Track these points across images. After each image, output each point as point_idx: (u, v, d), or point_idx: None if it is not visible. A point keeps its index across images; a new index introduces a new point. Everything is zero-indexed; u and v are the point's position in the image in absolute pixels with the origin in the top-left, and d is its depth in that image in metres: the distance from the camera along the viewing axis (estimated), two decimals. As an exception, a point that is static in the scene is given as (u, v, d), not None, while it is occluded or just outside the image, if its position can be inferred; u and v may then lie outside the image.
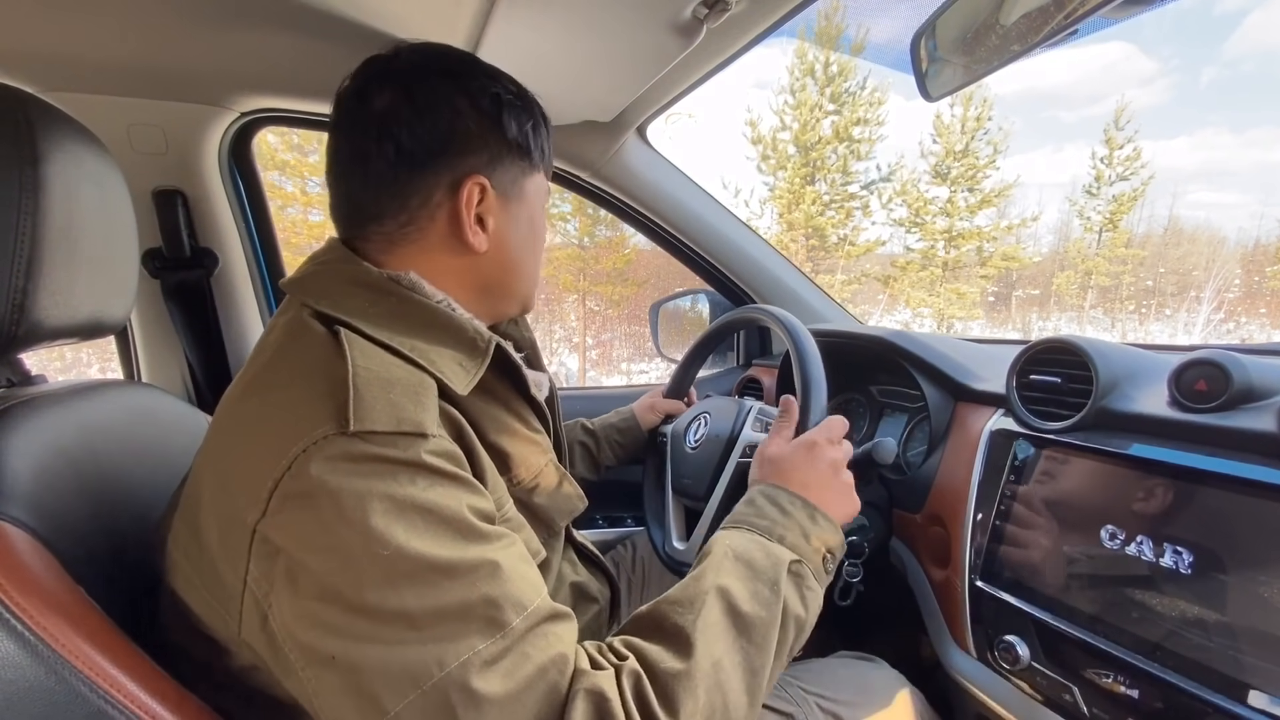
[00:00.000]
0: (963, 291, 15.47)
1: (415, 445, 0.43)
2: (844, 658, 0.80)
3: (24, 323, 0.49)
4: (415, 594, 0.39)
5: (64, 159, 0.51)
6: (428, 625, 0.39)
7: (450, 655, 0.39)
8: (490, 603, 0.41)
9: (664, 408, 1.04)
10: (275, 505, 0.40)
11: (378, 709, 0.38)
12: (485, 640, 0.40)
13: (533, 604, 0.43)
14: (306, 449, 0.40)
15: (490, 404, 0.56)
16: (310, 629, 0.40)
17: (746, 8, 0.72)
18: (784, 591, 0.51)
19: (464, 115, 0.54)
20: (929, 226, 15.62)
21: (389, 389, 0.44)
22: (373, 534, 0.39)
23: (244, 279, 1.15)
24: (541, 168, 0.61)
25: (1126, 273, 17.49)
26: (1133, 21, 0.51)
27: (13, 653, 0.38)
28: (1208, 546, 0.53)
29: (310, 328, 0.48)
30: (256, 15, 0.82)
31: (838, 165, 14.78)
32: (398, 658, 0.38)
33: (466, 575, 0.41)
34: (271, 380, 0.47)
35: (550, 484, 0.60)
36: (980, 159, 15.04)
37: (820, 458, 0.62)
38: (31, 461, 0.47)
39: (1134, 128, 15.90)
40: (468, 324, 0.54)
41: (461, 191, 0.53)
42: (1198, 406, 0.59)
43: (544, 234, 0.64)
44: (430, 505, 0.41)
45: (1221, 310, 17.80)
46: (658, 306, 1.49)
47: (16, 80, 0.88)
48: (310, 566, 0.40)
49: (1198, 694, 0.51)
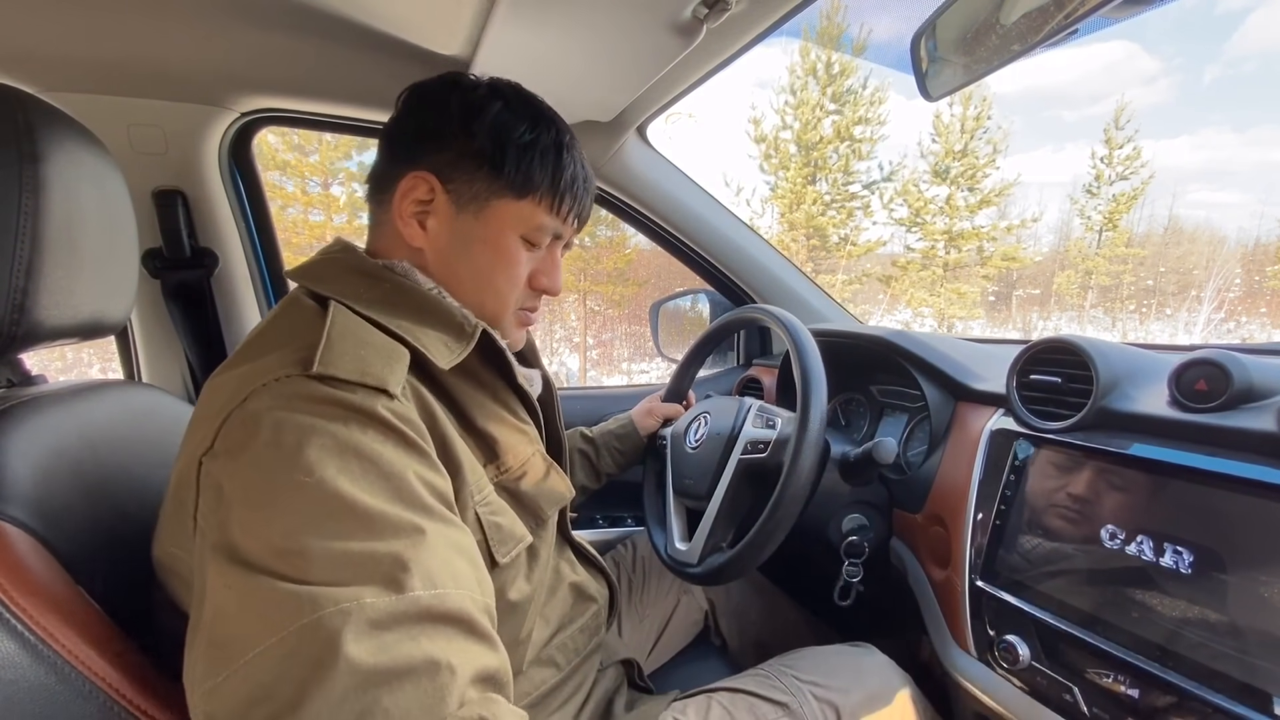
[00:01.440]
0: (963, 291, 15.44)
1: (375, 398, 0.42)
2: (837, 646, 0.80)
3: (24, 323, 0.49)
4: (319, 531, 0.35)
5: (64, 159, 0.51)
6: (320, 565, 0.35)
7: (330, 599, 0.34)
8: (399, 563, 0.36)
9: (662, 412, 1.04)
10: (221, 435, 0.40)
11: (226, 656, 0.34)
12: (377, 594, 0.35)
13: (447, 589, 0.37)
14: (265, 384, 0.41)
15: (476, 389, 0.57)
16: (208, 552, 0.37)
17: (746, 8, 0.72)
18: None
19: (445, 116, 0.56)
20: (929, 226, 15.59)
21: (361, 345, 0.45)
22: (300, 461, 0.37)
23: (244, 279, 1.15)
24: (527, 198, 0.57)
25: (1127, 272, 17.45)
26: (1136, 20, 0.51)
27: (13, 652, 0.38)
28: (1208, 546, 0.53)
29: (301, 301, 0.51)
30: (257, 15, 0.82)
31: (839, 165, 14.76)
32: (271, 592, 0.34)
33: (384, 529, 0.37)
34: (253, 344, 0.49)
35: (538, 473, 0.61)
36: (980, 158, 15.01)
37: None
38: (31, 462, 0.47)
39: (1134, 127, 15.90)
40: (456, 310, 0.56)
41: (402, 180, 0.56)
42: (1198, 406, 0.59)
43: (511, 267, 0.59)
44: (373, 455, 0.39)
45: (1222, 310, 17.77)
46: (658, 306, 1.49)
47: (16, 80, 0.88)
48: (229, 491, 0.38)
49: (1198, 694, 0.51)
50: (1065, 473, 0.66)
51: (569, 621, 0.70)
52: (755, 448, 0.80)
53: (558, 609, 0.69)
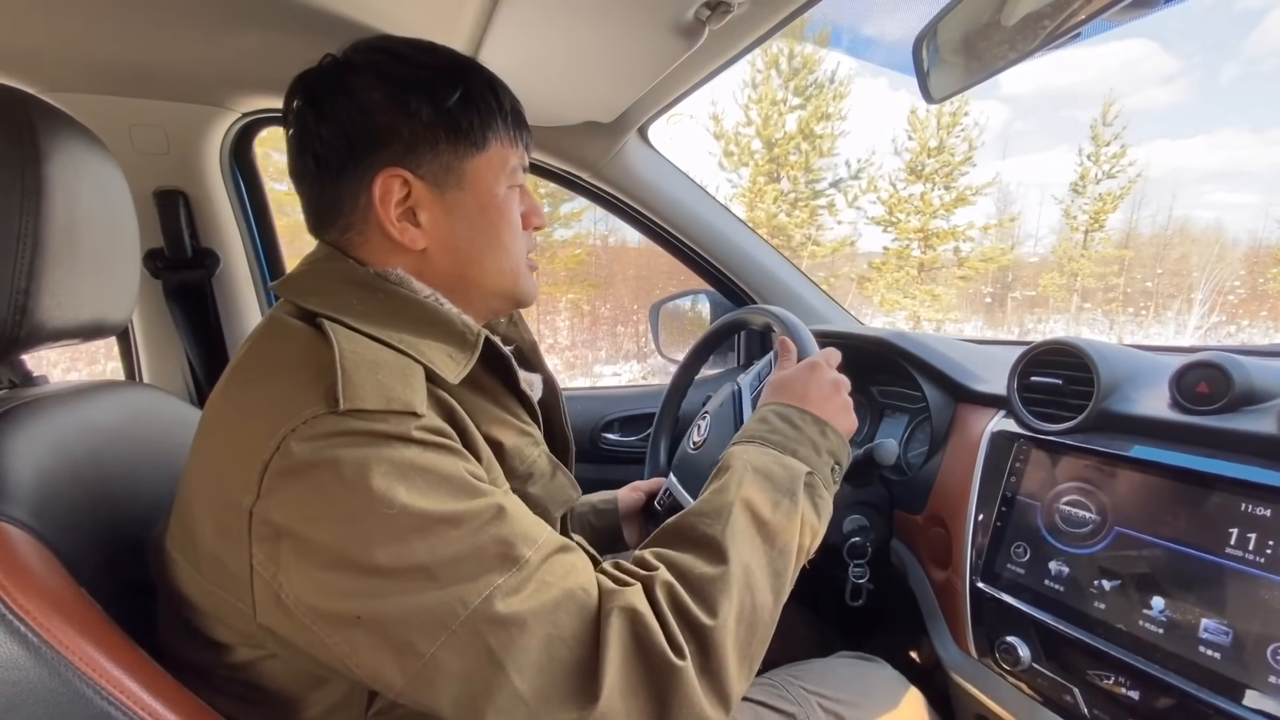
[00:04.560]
0: (937, 293, 14.97)
1: (406, 422, 0.43)
2: (845, 658, 0.80)
3: (26, 324, 0.49)
4: (426, 547, 0.40)
5: (65, 159, 0.51)
6: (444, 572, 0.40)
7: (471, 594, 0.40)
8: (501, 541, 0.42)
9: (645, 487, 0.96)
10: (269, 485, 0.40)
11: (414, 654, 0.39)
12: (503, 575, 0.41)
13: (541, 537, 0.44)
14: (296, 428, 0.40)
15: (480, 397, 0.56)
16: (328, 597, 0.40)
17: (749, 9, 0.72)
18: (800, 502, 0.54)
19: (368, 109, 0.50)
20: (904, 225, 14.95)
21: (376, 370, 0.44)
22: (375, 495, 0.40)
23: (245, 279, 1.15)
24: (490, 144, 0.54)
25: (1113, 274, 17.05)
26: (1154, 19, 0.51)
27: (15, 654, 0.38)
28: (1208, 549, 0.53)
29: (286, 323, 0.48)
30: (258, 16, 0.82)
31: (800, 162, 14.13)
32: (421, 605, 0.40)
33: (472, 521, 0.42)
34: (253, 371, 0.47)
35: (544, 475, 0.60)
36: (956, 155, 14.36)
37: (823, 377, 0.66)
38: (33, 463, 0.47)
39: (1121, 124, 15.41)
40: (456, 318, 0.54)
41: (374, 189, 0.51)
42: (1199, 409, 0.59)
43: (512, 217, 0.57)
44: (428, 466, 0.42)
45: (1223, 313, 17.62)
46: (658, 307, 1.49)
47: (18, 80, 0.88)
48: (316, 538, 0.40)
49: (1198, 695, 0.51)
50: (1066, 474, 0.66)
51: None
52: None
53: None
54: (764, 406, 0.64)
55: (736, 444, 0.59)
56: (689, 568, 0.47)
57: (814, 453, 0.58)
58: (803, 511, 0.54)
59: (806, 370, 0.66)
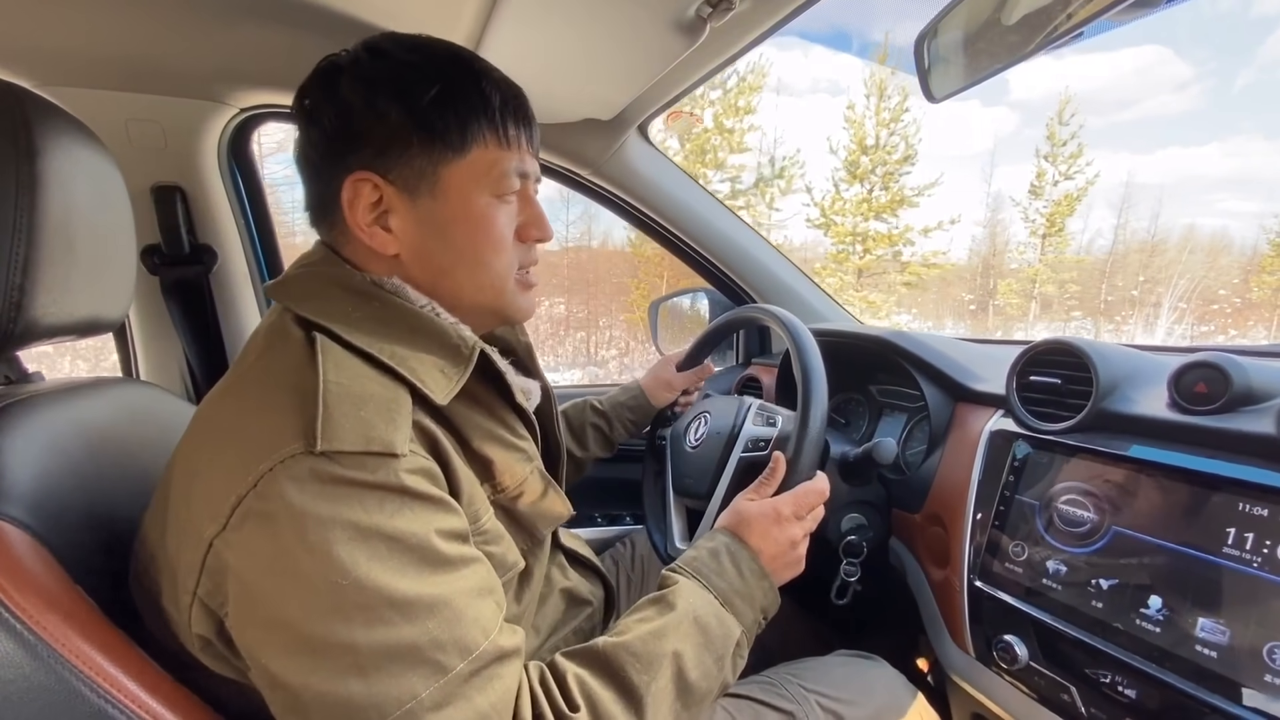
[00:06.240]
0: (873, 300, 14.04)
1: (385, 466, 0.42)
2: (843, 656, 0.80)
3: (21, 320, 0.49)
4: (365, 629, 0.40)
5: (61, 155, 0.51)
6: (372, 664, 0.40)
7: (391, 702, 0.39)
8: (437, 645, 0.41)
9: (680, 383, 1.02)
10: (235, 521, 0.41)
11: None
12: (427, 685, 0.40)
13: (479, 647, 0.43)
14: (273, 467, 0.40)
15: (474, 410, 0.55)
16: (261, 648, 0.41)
17: (750, 7, 0.72)
18: (725, 667, 0.55)
19: (346, 111, 0.50)
20: (838, 228, 14.06)
21: (360, 406, 0.43)
22: (333, 562, 0.40)
23: (243, 276, 1.14)
24: (471, 148, 0.51)
25: (1073, 281, 16.23)
26: (1167, 24, 0.52)
27: (11, 652, 0.38)
28: (1206, 548, 0.53)
29: (290, 334, 0.48)
30: (256, 10, 0.82)
31: (711, 160, 13.27)
32: (340, 693, 0.39)
33: (420, 614, 0.41)
34: (246, 387, 0.48)
35: (534, 493, 0.59)
36: (893, 153, 13.51)
37: (784, 532, 0.63)
38: (29, 460, 0.47)
39: (1079, 122, 14.52)
40: (451, 329, 0.53)
41: (342, 192, 0.51)
42: (1197, 409, 0.59)
43: (494, 231, 0.54)
44: (396, 533, 0.42)
45: (1190, 320, 17.26)
46: (657, 305, 1.49)
47: (13, 75, 0.87)
48: (263, 590, 0.40)
49: (1195, 694, 0.51)
50: (1064, 474, 0.66)
51: (560, 626, 0.70)
52: (756, 445, 0.80)
53: (549, 617, 0.69)
54: (719, 532, 0.63)
55: (684, 571, 0.58)
56: (607, 714, 0.47)
57: (749, 607, 0.58)
58: (725, 675, 0.54)
59: (771, 519, 0.63)
